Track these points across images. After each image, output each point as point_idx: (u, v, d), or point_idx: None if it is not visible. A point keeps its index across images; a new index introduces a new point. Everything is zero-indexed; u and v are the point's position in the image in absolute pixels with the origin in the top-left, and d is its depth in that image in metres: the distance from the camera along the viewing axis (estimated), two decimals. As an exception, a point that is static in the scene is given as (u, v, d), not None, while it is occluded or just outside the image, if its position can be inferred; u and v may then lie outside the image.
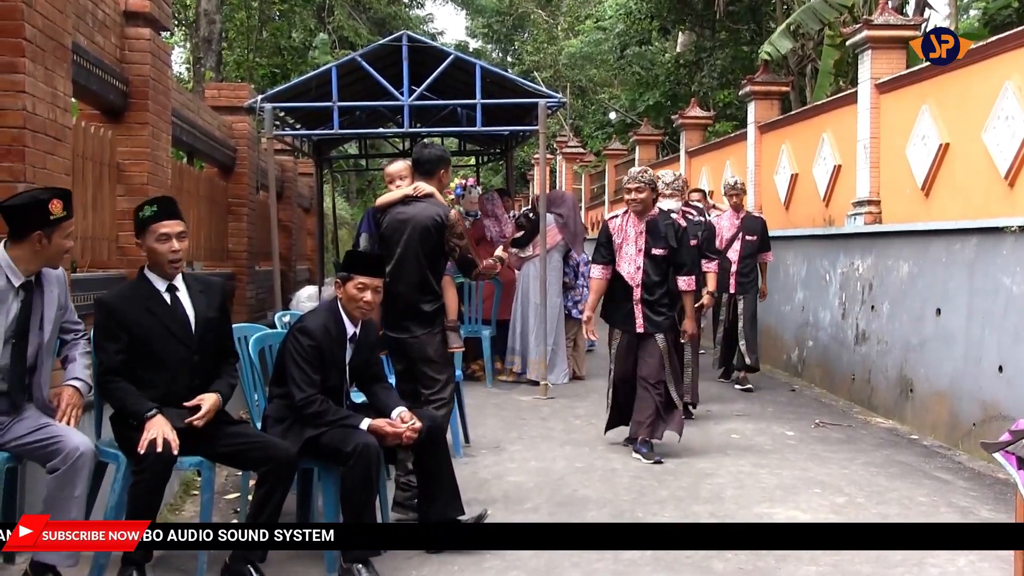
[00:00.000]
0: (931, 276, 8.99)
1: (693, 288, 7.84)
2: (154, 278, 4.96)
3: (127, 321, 4.83)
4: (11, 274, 4.45)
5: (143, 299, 4.90)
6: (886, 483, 7.03)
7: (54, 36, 5.29)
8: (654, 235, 7.66)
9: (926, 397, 8.91)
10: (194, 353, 4.95)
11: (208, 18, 21.16)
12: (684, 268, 7.72)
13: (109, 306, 4.87)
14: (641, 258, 7.67)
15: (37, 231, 4.43)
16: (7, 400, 4.48)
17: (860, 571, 5.21)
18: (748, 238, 11.00)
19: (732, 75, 21.67)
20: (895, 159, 10.22)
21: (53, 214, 4.45)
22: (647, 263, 7.67)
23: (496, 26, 43.28)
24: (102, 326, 4.84)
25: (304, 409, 5.16)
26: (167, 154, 7.70)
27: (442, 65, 11.24)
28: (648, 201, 7.72)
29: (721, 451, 7.93)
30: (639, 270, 7.66)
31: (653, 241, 7.64)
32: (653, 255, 7.65)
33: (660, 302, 7.68)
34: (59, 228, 4.49)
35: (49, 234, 4.46)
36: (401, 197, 6.37)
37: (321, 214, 16.01)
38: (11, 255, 4.45)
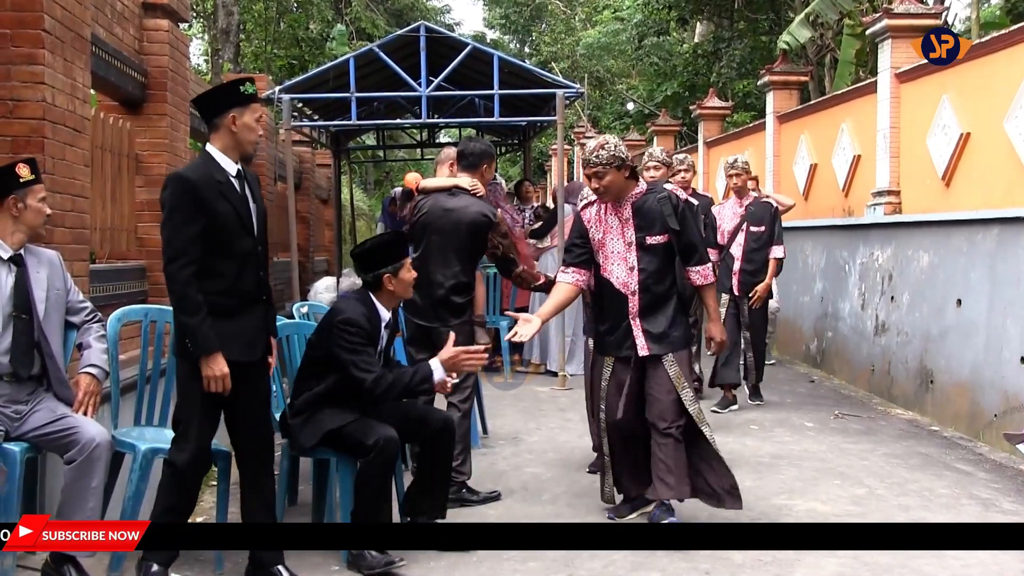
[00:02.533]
0: (952, 266, 8.93)
1: (712, 280, 5.81)
2: (225, 161, 4.63)
3: (206, 203, 4.50)
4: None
5: (217, 182, 4.57)
6: (906, 474, 6.99)
7: (73, 27, 5.30)
8: (646, 218, 5.64)
9: (947, 388, 8.86)
10: (257, 244, 4.73)
11: (226, 9, 21.19)
12: (696, 255, 5.73)
13: (190, 182, 4.51)
14: (634, 253, 5.66)
15: (10, 196, 4.49)
16: (15, 381, 4.48)
17: (880, 561, 5.18)
18: (754, 228, 9.33)
19: (751, 65, 21.56)
20: (915, 149, 10.16)
21: (22, 177, 4.50)
22: (643, 258, 5.66)
23: (514, 17, 43.19)
24: (179, 206, 4.48)
25: (377, 389, 5.08)
26: (185, 145, 7.71)
27: (460, 56, 11.22)
28: (618, 183, 5.63)
29: (740, 442, 7.90)
30: (634, 271, 5.66)
31: (647, 227, 5.64)
32: (649, 246, 5.65)
33: (669, 310, 5.71)
34: (30, 191, 4.53)
35: (23, 197, 4.51)
36: (451, 186, 6.36)
37: (339, 205, 16.02)
38: None
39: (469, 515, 5.93)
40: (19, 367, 4.48)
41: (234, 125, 4.59)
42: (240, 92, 4.62)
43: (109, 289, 6.12)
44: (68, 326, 4.77)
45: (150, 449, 4.91)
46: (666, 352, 5.65)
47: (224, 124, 4.60)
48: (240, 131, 4.61)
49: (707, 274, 5.80)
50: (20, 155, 4.86)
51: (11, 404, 4.45)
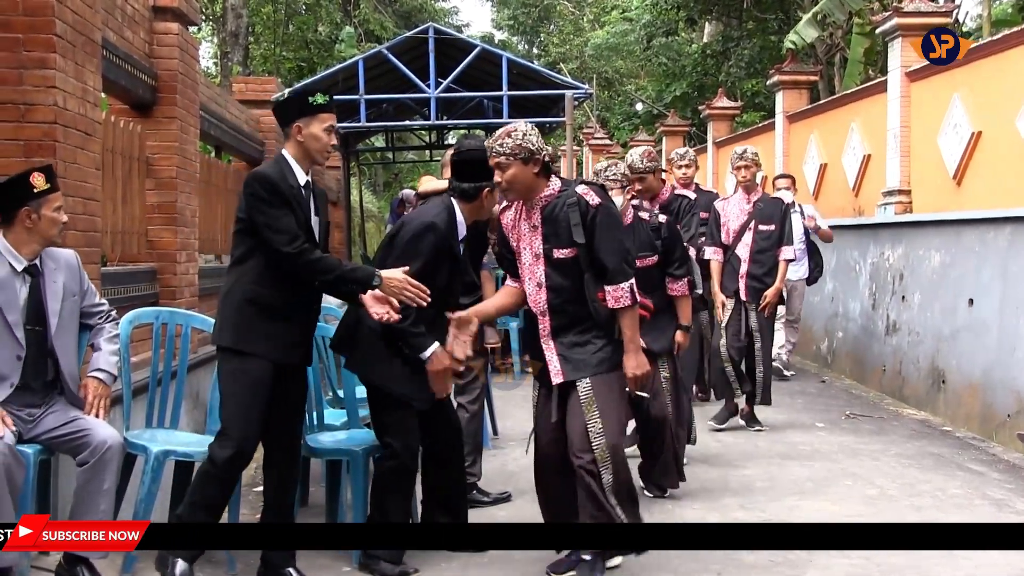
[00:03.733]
0: (963, 266, 8.91)
1: (629, 303, 4.73)
2: (296, 168, 4.66)
3: (284, 200, 4.55)
4: (12, 259, 4.42)
5: (289, 186, 4.60)
6: (919, 475, 6.97)
7: (84, 32, 5.32)
8: (554, 227, 4.73)
9: (959, 388, 8.84)
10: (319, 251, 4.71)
11: (235, 12, 21.23)
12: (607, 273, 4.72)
13: (273, 180, 4.55)
14: (542, 267, 4.78)
15: (24, 207, 4.40)
16: (30, 390, 4.48)
17: (892, 562, 5.16)
18: (763, 227, 8.32)
19: (760, 65, 21.54)
20: (926, 148, 10.14)
21: (36, 187, 4.42)
22: (552, 274, 4.77)
23: (522, 18, 43.16)
24: (270, 200, 4.51)
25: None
26: (195, 148, 7.72)
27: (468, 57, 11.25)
28: (523, 180, 4.70)
29: (751, 442, 7.88)
30: (541, 288, 4.79)
31: (554, 237, 4.73)
32: (557, 260, 4.74)
33: (589, 332, 4.80)
34: (46, 201, 4.45)
35: (37, 208, 4.42)
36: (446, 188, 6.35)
37: (348, 207, 16.06)
38: (8, 240, 4.44)
39: (480, 516, 5.93)
40: (31, 378, 4.48)
41: (299, 135, 4.63)
42: (308, 102, 4.65)
43: (120, 292, 6.13)
44: (83, 328, 4.76)
45: (162, 451, 4.92)
46: (582, 377, 4.76)
47: (291, 133, 4.65)
48: (306, 140, 4.65)
49: (621, 295, 4.71)
50: (33, 159, 4.88)
51: (24, 408, 4.45)
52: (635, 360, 4.80)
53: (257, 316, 4.60)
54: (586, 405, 4.73)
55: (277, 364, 4.63)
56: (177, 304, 6.77)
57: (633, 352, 4.79)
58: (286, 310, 4.64)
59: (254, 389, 4.59)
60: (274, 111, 4.86)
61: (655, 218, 6.23)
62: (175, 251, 7.05)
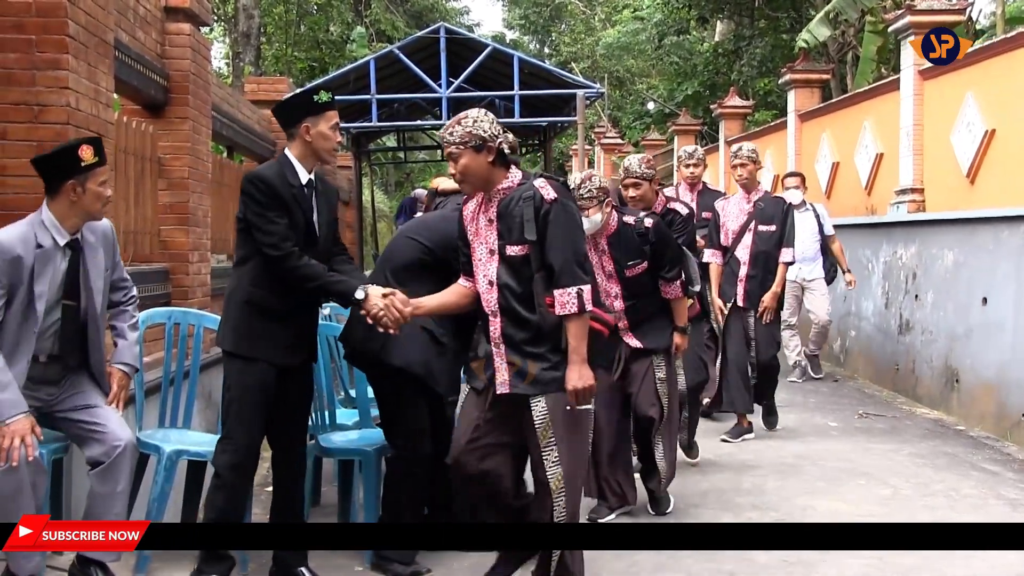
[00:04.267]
0: (977, 264, 8.87)
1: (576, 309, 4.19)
2: (299, 168, 4.64)
3: (281, 202, 4.54)
4: (56, 233, 4.35)
5: (289, 186, 4.59)
6: (932, 474, 6.95)
7: (97, 33, 5.33)
8: (507, 222, 4.31)
9: (973, 387, 8.80)
10: (320, 254, 4.71)
11: (247, 13, 21.26)
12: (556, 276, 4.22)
13: (269, 182, 4.54)
14: (495, 264, 4.36)
15: (70, 180, 4.31)
16: (61, 364, 4.45)
17: (904, 563, 5.15)
18: (763, 228, 7.89)
19: (771, 63, 21.50)
20: (939, 146, 10.10)
21: (84, 160, 4.32)
22: (504, 272, 4.33)
23: (533, 17, 43.22)
24: (264, 202, 4.51)
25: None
26: (207, 148, 7.73)
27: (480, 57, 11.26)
28: (476, 170, 4.32)
29: (763, 442, 7.86)
30: (493, 287, 4.35)
31: (507, 233, 4.31)
32: (509, 257, 4.31)
33: (537, 342, 4.31)
34: (92, 175, 4.35)
35: (82, 182, 4.33)
36: None
37: (360, 207, 16.08)
38: (53, 212, 4.36)
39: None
40: (66, 353, 4.45)
41: (308, 135, 4.61)
42: (314, 101, 4.63)
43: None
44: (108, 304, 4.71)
45: (175, 451, 4.93)
46: (535, 395, 4.30)
47: (298, 133, 4.62)
48: (314, 140, 4.63)
49: (568, 301, 4.21)
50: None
51: (43, 386, 4.41)
52: (578, 372, 4.23)
53: (256, 318, 4.58)
54: (542, 430, 4.29)
55: (280, 366, 4.63)
56: (189, 304, 6.78)
57: (577, 363, 4.23)
58: (285, 311, 4.60)
59: (255, 395, 4.57)
60: (276, 113, 4.80)
61: (641, 223, 5.80)
62: (187, 251, 7.06)
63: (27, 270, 4.23)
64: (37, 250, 4.26)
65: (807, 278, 10.59)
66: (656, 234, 5.79)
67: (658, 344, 5.97)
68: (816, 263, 10.55)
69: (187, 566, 4.79)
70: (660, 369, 5.97)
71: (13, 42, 4.95)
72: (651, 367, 5.95)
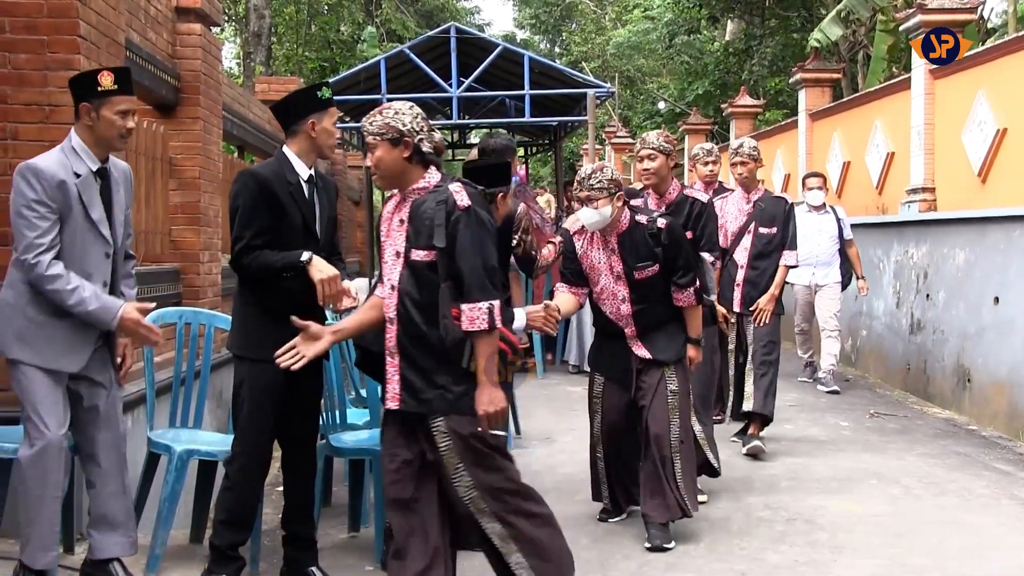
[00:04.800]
0: (988, 264, 8.84)
1: (486, 326, 3.89)
2: (298, 163, 4.61)
3: (274, 202, 4.52)
4: (87, 159, 4.29)
5: (287, 183, 4.56)
6: (944, 474, 6.93)
7: (108, 33, 5.35)
8: (417, 226, 4.00)
9: (984, 386, 8.78)
10: (321, 250, 4.67)
11: (258, 13, 21.31)
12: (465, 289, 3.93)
13: (262, 181, 4.51)
14: (398, 269, 4.05)
15: (84, 103, 4.27)
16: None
17: (917, 563, 5.13)
18: (763, 230, 7.46)
19: (782, 63, 21.47)
20: (950, 146, 10.07)
21: (102, 86, 4.26)
22: (406, 278, 4.02)
23: (544, 16, 43.24)
24: (250, 203, 4.49)
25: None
26: (218, 148, 7.75)
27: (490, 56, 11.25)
28: (389, 164, 4.05)
29: (775, 442, 7.84)
30: (394, 292, 4.05)
31: (415, 237, 4.00)
32: (413, 263, 3.99)
33: (434, 355, 3.97)
34: (109, 102, 4.28)
35: (98, 107, 4.26)
36: None
37: (371, 207, 16.08)
38: (81, 138, 4.31)
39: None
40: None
41: (313, 131, 4.61)
42: (318, 97, 4.63)
43: (144, 292, 6.14)
44: None
45: (185, 451, 4.94)
46: (435, 416, 3.96)
47: (303, 130, 4.61)
48: (319, 136, 4.63)
49: (478, 316, 3.87)
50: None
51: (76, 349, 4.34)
52: (488, 395, 3.89)
53: (261, 319, 4.56)
54: (447, 455, 3.95)
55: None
56: (200, 304, 6.80)
57: (487, 385, 3.89)
58: (288, 311, 4.58)
59: (264, 396, 4.55)
60: (277, 110, 4.74)
61: (654, 223, 5.42)
62: (198, 251, 7.08)
63: (75, 197, 4.21)
64: (76, 178, 4.23)
65: (820, 283, 10.30)
66: (669, 236, 5.40)
67: (668, 355, 5.52)
68: (832, 267, 10.25)
69: (198, 566, 4.80)
70: (672, 381, 5.49)
71: (25, 43, 4.97)
72: (663, 379, 5.50)
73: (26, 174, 4.15)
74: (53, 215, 4.16)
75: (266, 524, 5.42)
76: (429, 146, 4.05)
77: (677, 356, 5.56)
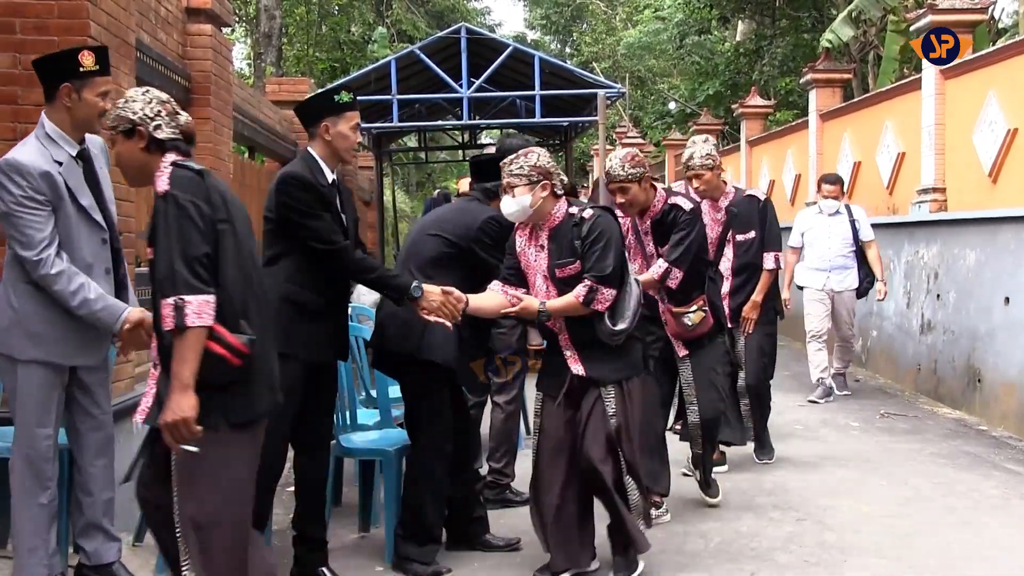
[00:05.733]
0: (999, 264, 8.82)
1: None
2: (324, 168, 4.64)
3: (324, 203, 4.56)
4: (65, 144, 4.17)
5: (322, 186, 4.60)
6: (954, 475, 6.91)
7: (118, 34, 5.37)
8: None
9: (995, 387, 8.76)
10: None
11: (268, 14, 21.34)
12: None
13: (308, 180, 4.54)
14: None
15: (65, 84, 4.10)
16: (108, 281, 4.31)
17: (927, 564, 5.12)
18: (741, 237, 6.94)
19: (793, 63, 21.45)
20: (961, 146, 10.05)
21: (84, 66, 4.11)
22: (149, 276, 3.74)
23: (554, 17, 43.26)
24: (308, 200, 4.49)
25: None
26: (229, 149, 7.78)
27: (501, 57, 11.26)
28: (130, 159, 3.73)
29: (784, 442, 7.84)
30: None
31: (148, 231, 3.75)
32: (149, 259, 3.69)
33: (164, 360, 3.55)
34: (91, 83, 4.14)
35: (79, 88, 4.12)
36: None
37: (381, 207, 16.12)
38: (53, 121, 4.16)
39: (513, 516, 5.93)
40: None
41: (327, 134, 4.63)
42: (334, 101, 4.65)
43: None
44: None
45: (196, 450, 4.94)
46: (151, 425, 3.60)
47: (318, 133, 4.64)
48: (334, 139, 4.64)
49: (167, 314, 3.41)
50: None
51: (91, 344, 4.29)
52: (172, 403, 3.35)
53: (293, 315, 4.56)
54: (176, 472, 3.52)
55: (310, 364, 4.62)
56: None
57: (175, 391, 3.35)
58: (320, 308, 4.63)
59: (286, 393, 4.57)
60: (298, 111, 4.83)
61: (580, 213, 4.77)
62: (209, 251, 7.08)
63: (62, 187, 4.09)
64: (59, 166, 4.11)
65: (835, 289, 9.69)
66: (591, 228, 4.66)
67: (605, 374, 4.71)
68: (847, 273, 9.63)
69: (208, 565, 4.80)
70: (610, 404, 4.68)
71: (35, 43, 4.99)
72: (598, 401, 4.69)
73: (6, 171, 4.01)
74: (45, 208, 4.03)
75: (276, 524, 5.44)
76: (169, 131, 3.66)
77: (618, 376, 4.73)
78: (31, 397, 4.11)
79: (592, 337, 4.68)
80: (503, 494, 6.19)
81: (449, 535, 5.31)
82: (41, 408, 4.12)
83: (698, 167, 6.49)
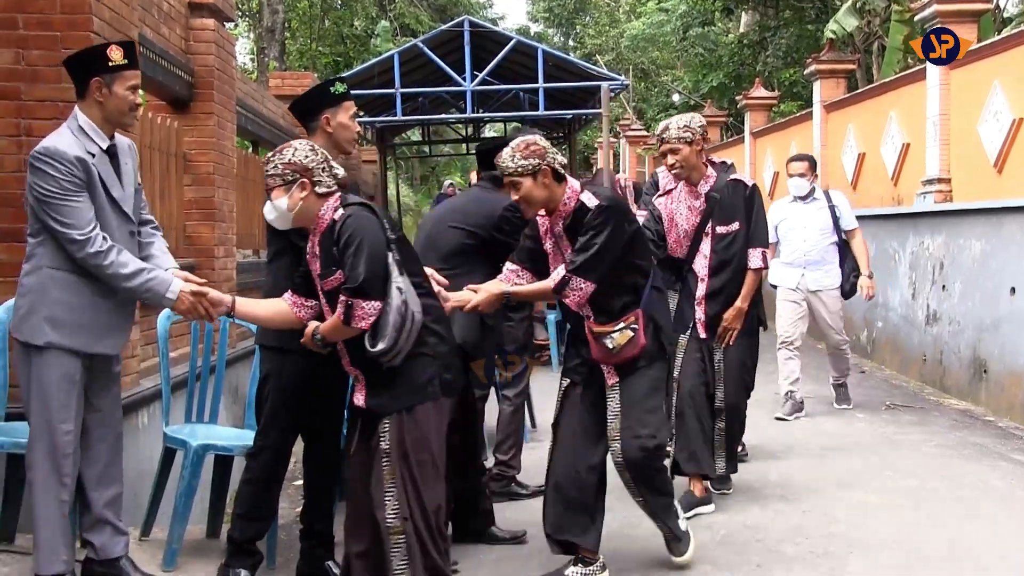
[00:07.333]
0: (1005, 254, 8.80)
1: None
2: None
3: None
4: (96, 137, 4.16)
5: None
6: (960, 466, 6.90)
7: (121, 29, 5.36)
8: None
9: (1001, 377, 8.74)
10: None
11: (271, 8, 21.33)
12: None
13: None
14: None
15: (95, 78, 4.13)
16: None
17: (933, 555, 5.11)
18: (722, 229, 5.75)
19: (797, 54, 21.41)
20: (966, 136, 10.03)
21: (112, 60, 4.13)
22: None
23: (557, 9, 43.22)
24: None
25: None
26: (232, 143, 7.77)
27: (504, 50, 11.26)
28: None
29: (790, 434, 7.83)
30: None
31: None
32: None
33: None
34: (120, 77, 4.16)
35: (109, 83, 4.14)
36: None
37: (385, 201, 16.12)
38: (87, 115, 4.17)
39: (518, 509, 5.93)
40: None
41: (328, 126, 4.63)
42: (331, 92, 4.65)
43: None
44: None
45: (201, 445, 4.95)
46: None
47: (319, 126, 4.63)
48: (336, 131, 4.64)
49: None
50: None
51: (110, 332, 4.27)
52: None
53: None
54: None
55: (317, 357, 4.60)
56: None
57: None
58: None
59: (290, 390, 4.55)
60: (294, 107, 4.81)
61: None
62: (213, 246, 7.10)
63: (96, 175, 4.10)
64: (92, 157, 4.11)
65: (812, 288, 8.48)
66: (340, 231, 3.96)
67: (383, 403, 4.03)
68: (826, 268, 8.45)
69: (215, 560, 4.82)
70: (385, 439, 3.98)
71: (38, 39, 4.99)
72: (376, 440, 4.01)
73: (44, 158, 4.01)
74: (84, 191, 4.03)
75: (282, 518, 5.44)
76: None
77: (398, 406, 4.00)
78: (52, 387, 4.04)
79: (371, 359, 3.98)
80: (509, 486, 6.20)
81: (455, 528, 5.30)
82: (62, 401, 4.06)
83: (674, 139, 5.62)
